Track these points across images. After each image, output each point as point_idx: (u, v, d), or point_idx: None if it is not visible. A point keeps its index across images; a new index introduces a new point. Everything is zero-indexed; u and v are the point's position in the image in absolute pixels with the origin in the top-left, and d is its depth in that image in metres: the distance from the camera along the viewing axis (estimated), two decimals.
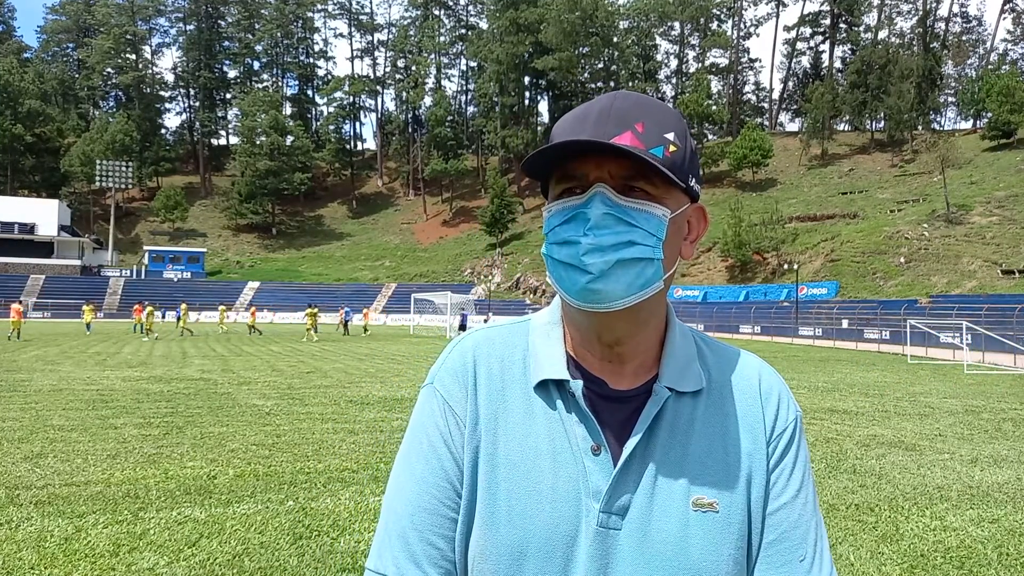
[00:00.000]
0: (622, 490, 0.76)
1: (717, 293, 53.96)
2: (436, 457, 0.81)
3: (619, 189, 0.74)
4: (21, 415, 8.75)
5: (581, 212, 0.73)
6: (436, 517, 0.79)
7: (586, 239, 0.72)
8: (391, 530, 0.80)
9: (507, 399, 0.82)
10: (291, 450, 7.00)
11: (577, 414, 0.79)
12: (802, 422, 0.87)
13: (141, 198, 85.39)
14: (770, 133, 79.92)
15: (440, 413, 0.82)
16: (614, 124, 0.73)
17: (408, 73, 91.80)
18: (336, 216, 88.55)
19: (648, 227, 0.74)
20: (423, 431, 0.83)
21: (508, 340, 0.86)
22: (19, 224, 65.68)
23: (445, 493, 0.80)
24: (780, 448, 0.82)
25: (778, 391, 0.85)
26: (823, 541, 0.82)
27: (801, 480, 0.82)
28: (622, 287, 0.73)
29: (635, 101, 0.76)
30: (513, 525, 0.76)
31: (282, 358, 19.23)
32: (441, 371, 0.85)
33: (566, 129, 0.76)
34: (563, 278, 0.75)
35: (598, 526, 0.76)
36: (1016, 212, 47.50)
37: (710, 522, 0.77)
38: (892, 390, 13.47)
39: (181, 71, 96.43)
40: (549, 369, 0.80)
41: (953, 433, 8.62)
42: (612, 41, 79.14)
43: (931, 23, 76.50)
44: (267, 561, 4.00)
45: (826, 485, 5.92)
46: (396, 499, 0.81)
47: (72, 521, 4.61)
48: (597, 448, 0.77)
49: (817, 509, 0.83)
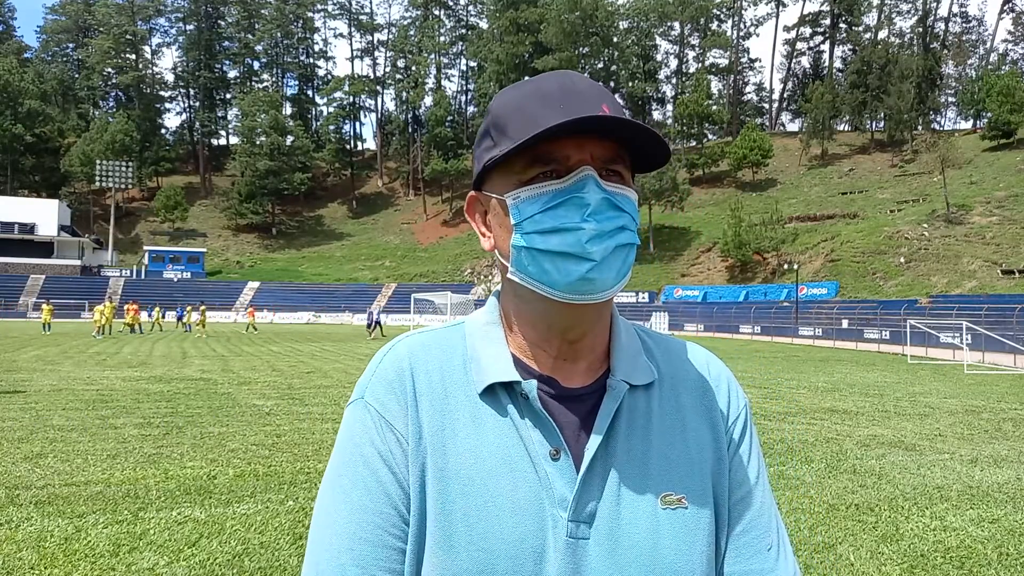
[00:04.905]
0: (589, 495, 0.71)
1: (717, 293, 53.97)
2: (376, 480, 0.71)
3: (599, 173, 0.70)
4: (21, 415, 8.75)
5: (575, 197, 0.68)
6: (380, 549, 0.70)
7: (589, 224, 0.68)
8: (325, 568, 0.69)
9: (451, 409, 0.74)
10: (291, 450, 7.00)
11: (531, 418, 0.73)
12: (750, 407, 0.85)
13: (141, 198, 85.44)
14: (770, 133, 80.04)
15: (376, 430, 0.73)
16: (585, 101, 0.69)
17: (408, 73, 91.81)
18: (336, 216, 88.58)
19: (631, 211, 0.72)
20: (357, 452, 0.73)
21: (445, 345, 0.79)
22: (19, 224, 65.69)
23: (389, 520, 0.70)
24: (736, 434, 0.81)
25: (726, 378, 0.83)
26: (782, 526, 0.81)
27: (758, 466, 0.81)
28: (613, 273, 0.70)
29: (589, 83, 0.72)
30: (474, 547, 0.69)
31: (282, 358, 19.23)
32: (373, 384, 0.76)
33: (529, 110, 0.70)
34: (550, 271, 0.69)
35: (568, 536, 0.70)
36: (1016, 212, 47.53)
37: (680, 519, 0.73)
38: (892, 390, 13.46)
39: (181, 71, 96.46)
40: (496, 372, 0.74)
41: (953, 433, 8.61)
42: (612, 41, 79.17)
43: (931, 23, 76.64)
44: (267, 561, 3.99)
45: (826, 485, 5.92)
46: (329, 532, 0.71)
47: (72, 521, 4.60)
48: (556, 452, 0.72)
49: (772, 493, 0.82)
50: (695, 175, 75.27)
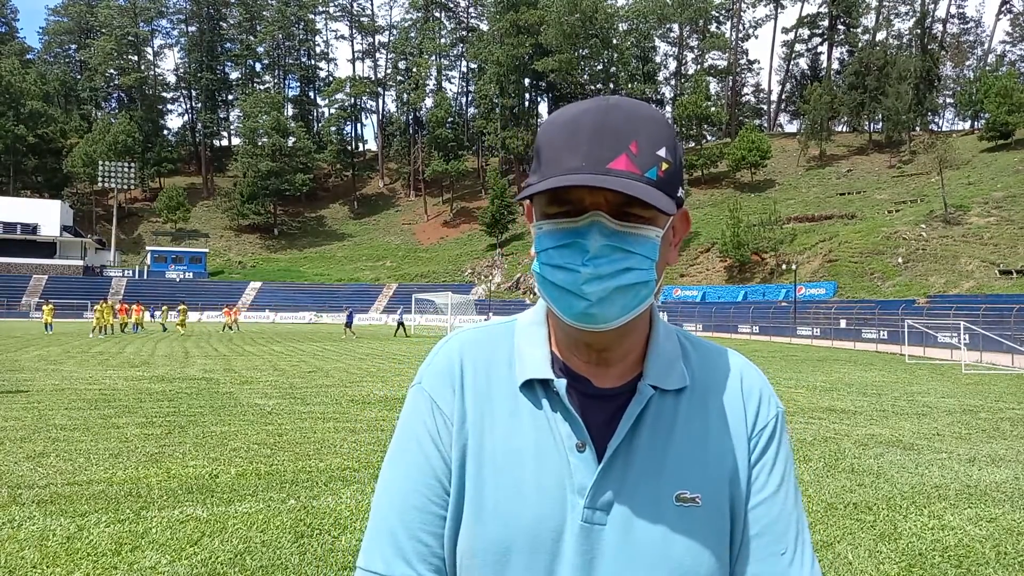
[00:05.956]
0: (606, 486, 0.78)
1: (715, 293, 53.98)
2: (424, 455, 0.82)
3: (614, 214, 0.73)
4: (24, 415, 8.78)
5: (578, 242, 0.73)
6: (425, 514, 0.80)
7: (586, 269, 0.72)
8: (380, 528, 0.81)
9: (493, 398, 0.83)
10: (293, 449, 7.03)
11: (562, 412, 0.80)
12: (784, 419, 0.87)
13: (143, 199, 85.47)
14: (768, 134, 80.00)
15: (428, 412, 0.84)
16: (608, 146, 0.71)
17: (409, 75, 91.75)
18: (337, 217, 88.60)
19: (643, 251, 0.74)
20: (411, 430, 0.84)
21: (494, 341, 0.87)
22: (22, 224, 65.75)
23: (433, 491, 0.81)
24: (761, 444, 0.83)
25: (759, 388, 0.86)
26: (805, 535, 0.83)
27: (782, 475, 0.83)
28: (617, 309, 0.74)
29: (627, 114, 0.74)
30: (500, 521, 0.78)
31: (284, 358, 19.25)
32: (428, 372, 0.87)
33: (557, 145, 0.74)
34: (558, 299, 0.75)
35: (583, 522, 0.77)
36: (1014, 212, 47.53)
37: (692, 516, 0.78)
38: (890, 390, 13.48)
39: (183, 72, 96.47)
40: (534, 369, 0.82)
41: (951, 432, 8.64)
42: (611, 43, 79.15)
43: (929, 24, 76.57)
44: (269, 559, 4.02)
45: (824, 484, 5.94)
46: (385, 498, 0.83)
47: (74, 520, 4.63)
48: (582, 445, 0.79)
49: (799, 504, 0.85)
50: (694, 176, 75.28)
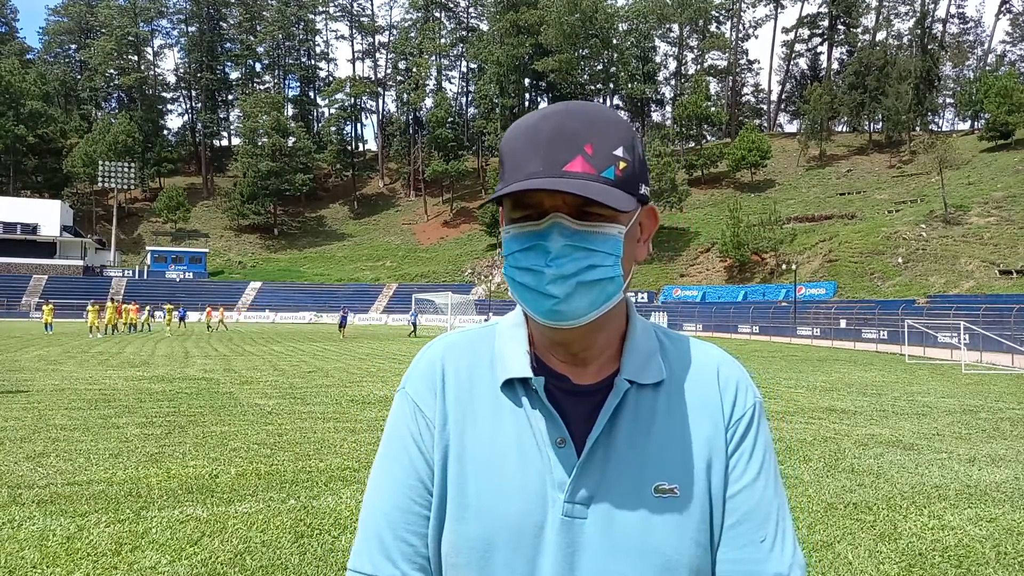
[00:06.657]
0: (585, 480, 0.80)
1: (715, 293, 54.00)
2: (408, 458, 0.85)
3: (575, 215, 0.76)
4: (24, 415, 8.78)
5: (540, 244, 0.76)
6: (409, 515, 0.83)
7: (549, 269, 0.75)
8: (368, 530, 0.85)
9: (475, 400, 0.85)
10: (293, 449, 7.03)
11: (541, 409, 0.82)
12: (763, 408, 0.88)
13: (143, 199, 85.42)
14: (768, 134, 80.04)
15: (411, 416, 0.87)
16: (564, 149, 0.74)
17: (409, 75, 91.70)
18: (337, 217, 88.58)
19: (606, 248, 0.76)
20: (396, 434, 0.87)
21: (475, 344, 0.90)
22: (22, 224, 65.69)
23: (417, 492, 0.84)
24: (739, 433, 0.85)
25: (736, 379, 0.88)
26: (786, 522, 0.85)
27: (761, 464, 0.84)
28: (585, 305, 0.77)
29: (585, 119, 0.76)
30: (482, 518, 0.80)
31: (284, 358, 19.26)
32: (411, 376, 0.90)
33: (518, 151, 0.77)
34: (528, 299, 0.78)
35: (563, 516, 0.79)
36: (1014, 212, 47.54)
37: (671, 507, 0.80)
38: (890, 389, 13.48)
39: (183, 72, 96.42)
40: (514, 368, 0.84)
41: (951, 432, 8.64)
42: (611, 43, 79.19)
43: (929, 24, 76.55)
44: (269, 559, 4.02)
45: (824, 484, 5.94)
46: (373, 499, 0.86)
47: (74, 520, 4.63)
48: (561, 441, 0.81)
49: (780, 492, 0.86)
50: (694, 176, 75.29)
